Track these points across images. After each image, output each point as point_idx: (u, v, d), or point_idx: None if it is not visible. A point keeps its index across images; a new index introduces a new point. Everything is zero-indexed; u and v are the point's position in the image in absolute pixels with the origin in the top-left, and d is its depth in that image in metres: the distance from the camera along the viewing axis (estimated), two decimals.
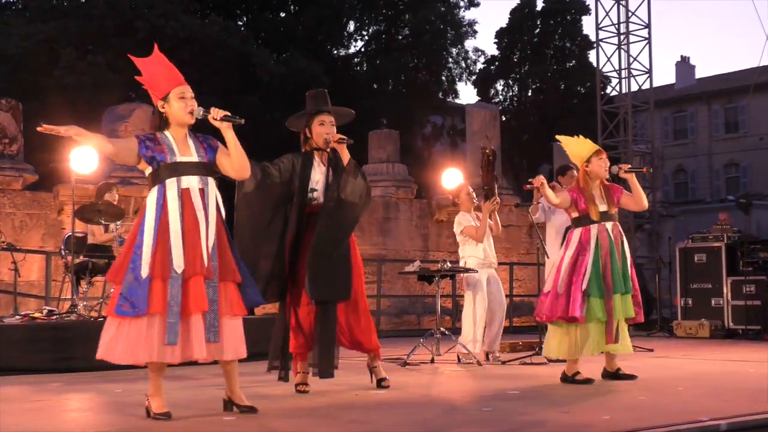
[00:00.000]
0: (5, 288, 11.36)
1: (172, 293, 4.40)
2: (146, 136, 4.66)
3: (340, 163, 5.84)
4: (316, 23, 27.65)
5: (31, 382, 6.67)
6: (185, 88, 4.69)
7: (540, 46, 36.14)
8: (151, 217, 4.49)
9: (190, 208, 4.53)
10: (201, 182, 4.60)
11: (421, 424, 4.44)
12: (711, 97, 45.35)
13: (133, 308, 4.36)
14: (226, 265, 4.58)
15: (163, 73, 4.74)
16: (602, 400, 5.45)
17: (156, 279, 4.40)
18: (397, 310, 15.00)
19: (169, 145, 4.61)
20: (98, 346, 4.49)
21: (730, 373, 7.32)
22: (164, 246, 4.44)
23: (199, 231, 4.51)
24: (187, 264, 4.44)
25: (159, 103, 4.71)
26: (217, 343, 4.48)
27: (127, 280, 4.41)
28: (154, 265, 4.40)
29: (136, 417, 4.71)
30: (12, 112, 13.03)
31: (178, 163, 4.58)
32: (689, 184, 44.35)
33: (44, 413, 5.07)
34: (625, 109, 18.45)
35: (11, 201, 12.57)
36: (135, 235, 4.51)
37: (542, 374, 7.14)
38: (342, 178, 5.78)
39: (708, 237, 13.14)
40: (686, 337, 12.39)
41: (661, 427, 4.21)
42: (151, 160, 4.57)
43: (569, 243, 6.54)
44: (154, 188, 4.55)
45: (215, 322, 4.47)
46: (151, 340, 4.36)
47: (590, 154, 6.60)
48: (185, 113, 4.64)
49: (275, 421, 4.56)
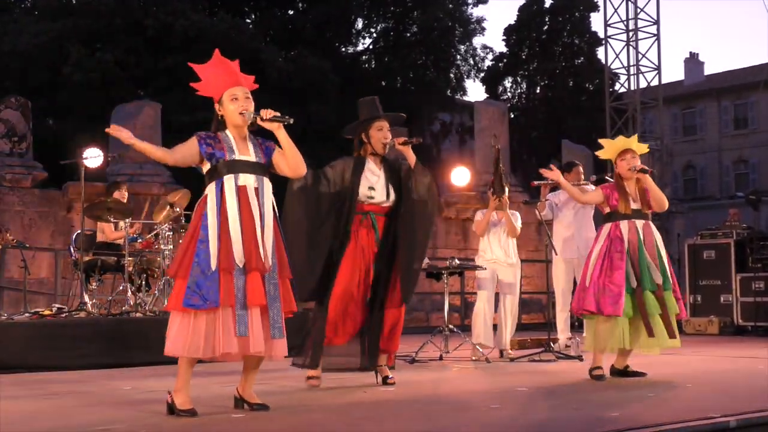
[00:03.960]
0: (15, 285, 11.39)
1: (238, 285, 4.45)
2: (207, 134, 4.70)
3: (397, 166, 6.04)
4: (325, 21, 27.64)
5: (41, 380, 6.70)
6: (237, 89, 4.72)
7: (548, 43, 36.11)
8: (213, 212, 4.54)
9: (247, 204, 4.59)
10: (257, 181, 4.66)
11: (429, 420, 4.44)
12: (720, 93, 45.23)
13: (204, 300, 4.39)
14: (282, 263, 4.67)
15: (217, 76, 4.78)
16: (611, 396, 5.45)
17: (223, 272, 4.45)
18: (406, 307, 15.01)
19: (229, 143, 4.67)
20: (166, 343, 4.51)
21: (739, 370, 7.31)
22: (227, 240, 4.49)
23: (254, 227, 4.57)
24: (247, 258, 4.50)
25: (216, 105, 4.76)
26: (281, 338, 4.55)
27: (194, 273, 4.44)
28: (220, 258, 4.45)
29: (145, 413, 4.72)
30: (21, 110, 13.07)
31: (236, 161, 4.63)
32: (698, 181, 44.28)
33: (54, 410, 5.08)
34: (634, 106, 18.43)
35: (21, 199, 12.61)
36: (196, 229, 4.55)
37: (551, 371, 7.14)
38: (413, 178, 5.97)
39: (717, 233, 13.12)
40: (695, 334, 12.36)
41: (670, 424, 4.20)
42: (210, 157, 4.62)
43: (598, 237, 6.57)
44: (212, 184, 4.60)
45: (279, 318, 4.56)
46: (225, 331, 4.41)
47: (615, 155, 6.64)
48: (236, 115, 4.67)
49: (287, 417, 4.57)
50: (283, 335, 4.56)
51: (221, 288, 4.42)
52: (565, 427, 4.13)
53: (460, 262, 8.71)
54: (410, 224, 5.94)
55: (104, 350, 7.66)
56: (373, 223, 5.93)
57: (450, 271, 8.56)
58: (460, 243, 15.81)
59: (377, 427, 4.31)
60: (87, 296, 8.77)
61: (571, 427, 4.08)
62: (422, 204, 5.97)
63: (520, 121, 34.33)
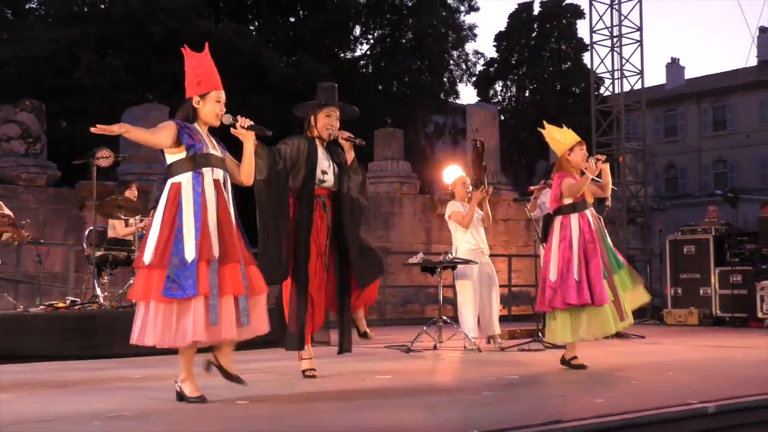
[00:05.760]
0: (30, 279, 11.39)
1: (211, 276, 4.42)
2: (184, 123, 4.68)
3: (342, 156, 5.89)
4: (324, 27, 27.63)
5: (55, 369, 6.70)
6: (221, 94, 4.76)
7: (537, 48, 36.17)
8: (189, 202, 4.50)
9: (223, 198, 4.60)
10: (224, 176, 4.69)
11: (425, 407, 4.45)
12: (700, 96, 45.27)
13: (183, 290, 4.34)
14: (245, 251, 4.64)
15: (208, 74, 4.77)
16: (596, 384, 5.46)
17: (202, 261, 4.42)
18: (401, 299, 15.02)
19: (202, 137, 4.68)
20: (132, 332, 4.45)
21: (717, 359, 7.32)
22: (206, 231, 4.47)
23: (230, 220, 4.59)
24: (223, 249, 4.49)
25: (195, 98, 4.73)
26: (248, 325, 4.54)
27: (172, 263, 4.39)
28: (201, 248, 4.42)
29: (154, 400, 4.73)
30: (35, 112, 13.07)
31: (210, 155, 4.65)
32: (679, 180, 44.30)
33: (68, 397, 5.09)
34: (618, 109, 18.41)
35: (35, 197, 12.61)
36: (173, 219, 4.48)
37: (539, 360, 7.15)
38: (347, 173, 5.85)
39: (697, 229, 13.15)
40: (676, 325, 12.40)
41: (652, 410, 4.21)
42: (189, 147, 4.59)
43: (553, 232, 6.47)
44: (187, 174, 4.55)
45: (246, 305, 4.53)
46: (196, 320, 4.36)
47: (574, 143, 6.58)
48: (215, 116, 4.71)
49: (287, 405, 4.58)
50: (248, 322, 4.53)
51: (199, 278, 4.38)
52: (553, 413, 4.14)
53: (453, 257, 8.69)
54: (348, 212, 5.82)
55: (115, 341, 7.66)
56: (324, 207, 5.81)
57: (444, 266, 8.56)
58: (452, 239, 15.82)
59: (377, 413, 4.31)
60: (99, 289, 8.76)
61: (559, 413, 4.09)
62: (355, 201, 5.86)
63: (510, 123, 34.38)
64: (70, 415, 4.33)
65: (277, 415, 4.23)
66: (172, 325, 4.39)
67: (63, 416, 4.25)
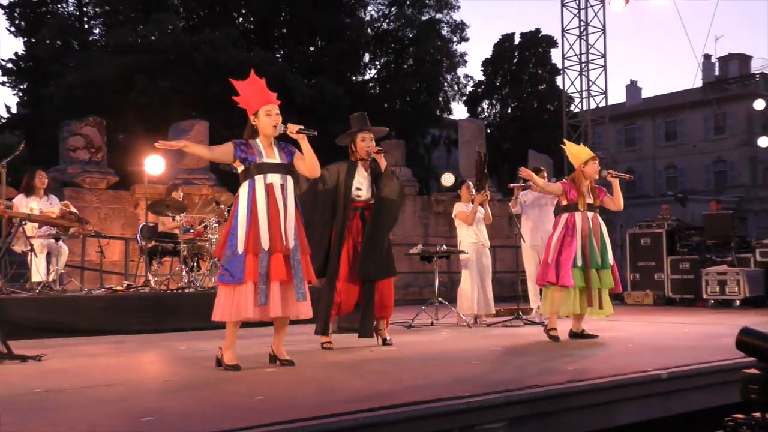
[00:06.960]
0: (93, 267, 11.41)
1: (261, 265, 4.48)
2: (241, 141, 4.71)
3: (380, 169, 5.94)
4: (339, 55, 27.67)
5: (113, 342, 6.72)
6: (272, 107, 4.73)
7: (517, 72, 36.14)
8: (243, 206, 4.58)
9: (273, 198, 4.61)
10: (282, 179, 4.68)
11: (425, 373, 4.46)
12: (655, 112, 45.22)
13: (233, 277, 4.47)
14: (303, 243, 4.70)
15: (255, 93, 4.77)
16: (568, 354, 5.45)
17: (249, 254, 4.48)
18: (403, 283, 15.02)
19: (259, 149, 4.67)
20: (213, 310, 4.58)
21: (669, 333, 7.31)
22: (255, 228, 4.52)
23: (279, 217, 4.59)
24: (272, 243, 4.52)
25: (251, 117, 4.75)
26: (305, 301, 4.59)
27: (226, 255, 4.52)
28: (248, 243, 4.49)
29: (197, 368, 4.74)
30: (97, 127, 13.07)
31: (265, 164, 4.64)
32: (637, 183, 44.20)
33: (125, 365, 5.11)
34: (586, 123, 18.39)
35: (97, 198, 12.62)
36: (232, 220, 4.60)
37: (520, 334, 7.15)
38: (381, 181, 5.90)
39: (652, 225, 13.12)
40: (634, 305, 12.37)
41: (614, 376, 4.21)
42: (243, 160, 4.63)
43: (557, 225, 6.55)
44: (245, 183, 4.62)
45: (302, 286, 4.60)
46: (245, 301, 4.46)
47: (588, 158, 6.62)
48: (270, 127, 4.69)
49: (309, 371, 4.59)
50: (306, 299, 4.60)
51: (246, 267, 4.46)
52: (531, 377, 4.14)
53: (447, 248, 8.70)
54: (376, 215, 5.85)
55: (163, 318, 7.67)
56: (361, 215, 5.89)
57: (439, 255, 8.56)
58: (446, 233, 15.77)
59: (385, 377, 4.32)
60: (150, 275, 8.78)
61: (537, 379, 4.09)
62: (387, 201, 5.89)
63: (495, 135, 34.33)
64: (129, 380, 4.34)
65: (299, 381, 4.24)
66: (231, 305, 4.50)
67: (125, 380, 4.27)
